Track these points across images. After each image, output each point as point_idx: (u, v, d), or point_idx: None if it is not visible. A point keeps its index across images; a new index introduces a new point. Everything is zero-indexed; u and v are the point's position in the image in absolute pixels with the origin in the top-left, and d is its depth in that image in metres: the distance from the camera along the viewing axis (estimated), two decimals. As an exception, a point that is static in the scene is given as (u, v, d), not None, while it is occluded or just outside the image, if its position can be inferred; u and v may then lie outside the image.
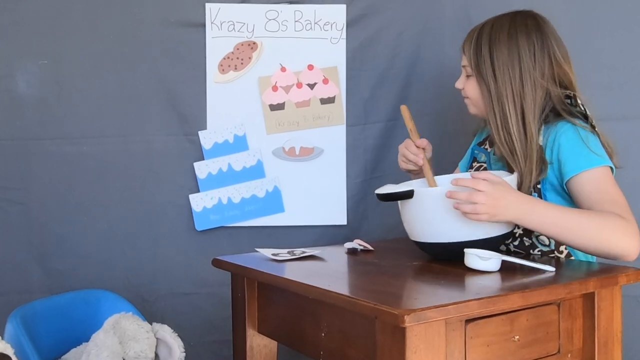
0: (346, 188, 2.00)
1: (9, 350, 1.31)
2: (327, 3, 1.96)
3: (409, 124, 1.64)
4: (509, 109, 1.50)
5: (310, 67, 1.95)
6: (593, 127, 1.50)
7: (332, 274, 1.50)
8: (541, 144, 1.49)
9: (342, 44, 1.97)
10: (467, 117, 1.89)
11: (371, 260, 1.56)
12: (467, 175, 1.58)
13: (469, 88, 1.59)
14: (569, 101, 1.53)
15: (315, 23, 1.97)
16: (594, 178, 1.43)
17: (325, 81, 1.94)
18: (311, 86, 1.96)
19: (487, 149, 1.70)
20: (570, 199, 1.49)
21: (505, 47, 1.51)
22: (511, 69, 1.50)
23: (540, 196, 1.49)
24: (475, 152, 1.73)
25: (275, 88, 1.95)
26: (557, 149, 1.47)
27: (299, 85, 1.95)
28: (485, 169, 1.66)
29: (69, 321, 1.65)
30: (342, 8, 1.96)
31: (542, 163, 1.47)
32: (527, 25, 1.52)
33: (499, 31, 1.52)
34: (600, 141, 1.49)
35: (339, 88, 1.95)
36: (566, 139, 1.46)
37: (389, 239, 1.82)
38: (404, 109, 1.65)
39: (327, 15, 1.96)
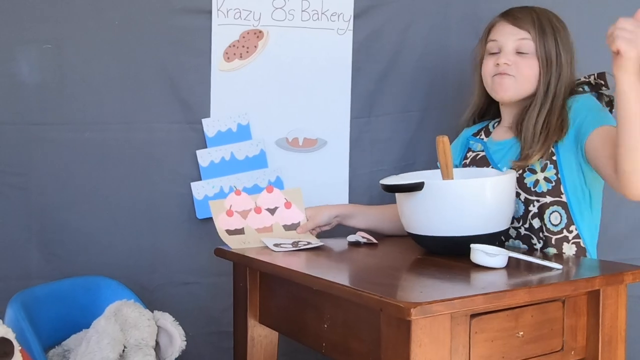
0: (349, 181, 1.99)
1: (10, 334, 1.30)
2: (335, -7, 1.95)
3: (444, 159, 1.51)
4: (564, 86, 1.58)
5: (270, 189, 1.74)
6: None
7: (336, 266, 1.50)
8: None
9: (349, 35, 1.96)
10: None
11: (374, 253, 1.55)
12: (463, 170, 1.62)
13: (524, 64, 1.59)
14: (583, 87, 1.63)
15: (322, 13, 1.95)
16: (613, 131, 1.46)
17: (288, 205, 1.77)
18: (271, 211, 1.74)
19: (483, 138, 1.72)
20: (581, 158, 1.52)
21: (564, 31, 1.61)
22: (570, 52, 1.61)
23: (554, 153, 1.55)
24: (471, 142, 1.75)
25: (230, 213, 1.71)
26: (579, 108, 1.54)
27: (258, 210, 1.72)
28: (482, 157, 1.67)
29: (69, 307, 1.64)
30: (350, -1, 1.95)
31: (565, 126, 1.54)
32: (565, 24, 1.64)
33: (554, 18, 1.62)
34: None
35: (303, 213, 1.74)
36: (587, 99, 1.57)
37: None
38: (443, 140, 1.50)
39: (334, 5, 1.95)
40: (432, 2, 2.00)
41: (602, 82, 1.61)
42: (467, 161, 1.72)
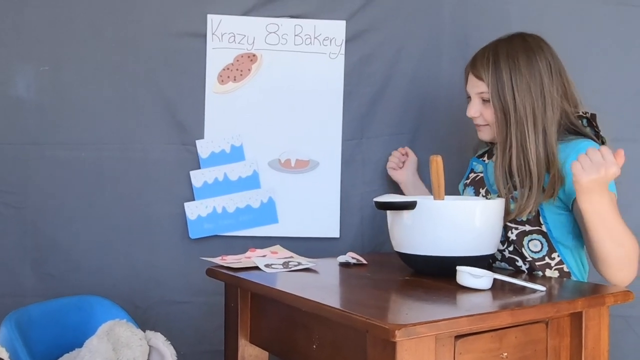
0: (340, 202, 2.02)
1: (4, 354, 1.31)
2: (327, 18, 1.98)
3: (437, 179, 1.52)
4: (529, 131, 1.51)
5: (252, 249, 1.75)
6: None
7: (325, 287, 1.51)
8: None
9: (341, 59, 2.00)
10: (463, 135, 1.93)
11: (364, 273, 1.57)
12: (469, 199, 1.63)
13: (489, 113, 1.58)
14: (582, 122, 1.57)
15: (314, 38, 1.99)
16: None
17: (274, 252, 1.74)
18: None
19: (485, 160, 1.73)
20: (565, 212, 1.52)
21: (525, 69, 1.52)
22: (534, 92, 1.52)
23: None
24: (474, 163, 1.77)
25: (224, 258, 1.71)
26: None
27: (248, 257, 1.71)
28: (481, 179, 1.70)
29: (63, 327, 1.65)
30: (342, 24, 1.99)
31: (560, 181, 1.48)
32: (541, 47, 1.55)
33: (517, 54, 1.54)
34: None
35: (290, 253, 1.76)
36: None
37: (382, 253, 1.83)
38: (437, 160, 1.51)
39: (326, 30, 1.99)
40: (423, 28, 2.04)
41: (594, 124, 1.58)
42: (468, 182, 1.75)
